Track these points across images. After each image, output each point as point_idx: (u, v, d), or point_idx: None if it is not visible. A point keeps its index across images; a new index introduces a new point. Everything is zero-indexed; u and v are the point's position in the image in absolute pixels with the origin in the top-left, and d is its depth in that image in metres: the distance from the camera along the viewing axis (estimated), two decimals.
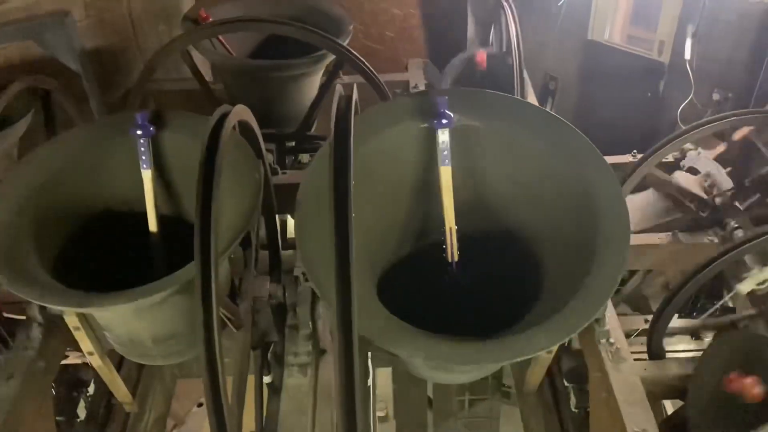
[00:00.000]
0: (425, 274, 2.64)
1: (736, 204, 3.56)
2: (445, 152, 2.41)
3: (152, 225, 2.74)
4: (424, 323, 2.08)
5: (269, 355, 2.78)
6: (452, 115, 2.38)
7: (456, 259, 2.58)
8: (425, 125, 2.42)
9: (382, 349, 2.67)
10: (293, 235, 2.89)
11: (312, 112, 4.61)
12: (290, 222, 3.20)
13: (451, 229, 2.53)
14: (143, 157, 2.66)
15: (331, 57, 4.21)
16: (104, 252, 2.78)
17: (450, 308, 2.46)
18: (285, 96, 4.52)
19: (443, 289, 2.64)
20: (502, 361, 2.17)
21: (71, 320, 2.55)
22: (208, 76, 6.22)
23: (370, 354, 3.05)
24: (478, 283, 2.61)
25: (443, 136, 2.40)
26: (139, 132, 2.63)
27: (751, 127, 3.59)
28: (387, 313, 2.14)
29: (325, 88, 4.55)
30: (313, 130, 4.74)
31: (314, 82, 4.59)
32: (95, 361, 2.74)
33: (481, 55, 4.54)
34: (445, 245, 2.57)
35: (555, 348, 2.69)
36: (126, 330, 2.63)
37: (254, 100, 4.12)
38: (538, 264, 2.43)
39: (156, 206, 2.72)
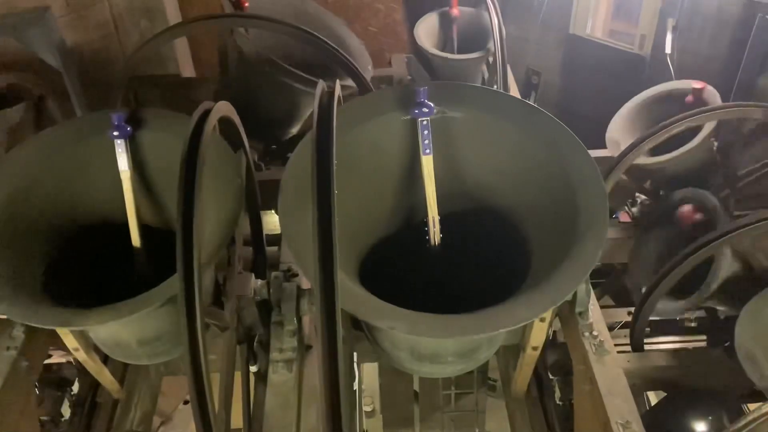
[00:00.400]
0: (413, 258, 2.66)
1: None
2: (426, 141, 2.44)
3: (132, 224, 2.69)
4: (412, 306, 2.10)
5: (255, 344, 2.76)
6: (432, 104, 2.40)
7: (437, 242, 2.62)
8: (407, 116, 2.45)
9: (367, 346, 2.71)
10: (277, 231, 2.88)
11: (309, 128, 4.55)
12: (274, 218, 3.19)
13: (434, 218, 2.57)
14: (121, 159, 2.59)
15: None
16: (87, 254, 2.74)
17: (440, 295, 2.49)
18: (292, 106, 4.46)
19: (431, 274, 2.68)
20: (483, 332, 2.19)
21: None
22: (190, 71, 6.20)
23: (355, 355, 3.05)
24: (468, 268, 2.65)
25: (424, 126, 2.42)
26: (115, 133, 2.56)
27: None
28: (367, 293, 2.18)
29: None
30: None
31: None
32: (80, 355, 2.72)
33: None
34: (428, 234, 2.61)
35: (540, 345, 2.71)
36: (110, 334, 2.60)
37: (264, 102, 4.07)
38: (525, 247, 2.47)
39: (137, 206, 2.67)
